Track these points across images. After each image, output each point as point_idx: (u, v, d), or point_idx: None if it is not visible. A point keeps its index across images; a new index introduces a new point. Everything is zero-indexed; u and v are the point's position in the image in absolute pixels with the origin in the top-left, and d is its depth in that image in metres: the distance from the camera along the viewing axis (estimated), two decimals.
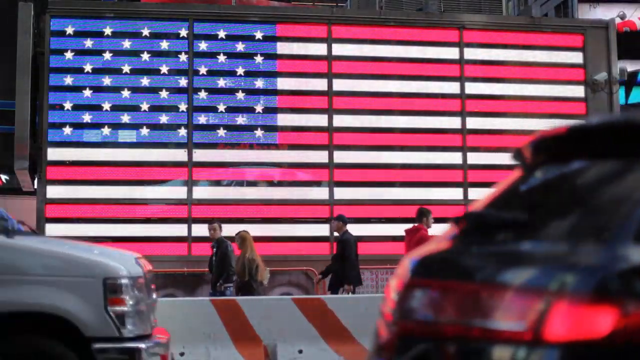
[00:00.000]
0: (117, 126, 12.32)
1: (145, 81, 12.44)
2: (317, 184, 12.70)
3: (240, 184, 12.62)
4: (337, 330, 8.10)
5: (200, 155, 12.45)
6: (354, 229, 11.10)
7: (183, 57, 12.60)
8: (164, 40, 12.62)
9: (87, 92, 12.30)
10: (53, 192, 12.04)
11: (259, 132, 12.61)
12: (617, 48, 13.68)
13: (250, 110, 12.64)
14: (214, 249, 10.38)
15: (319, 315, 8.15)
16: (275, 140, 12.70)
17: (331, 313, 8.16)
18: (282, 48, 12.91)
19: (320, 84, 12.84)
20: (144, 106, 12.38)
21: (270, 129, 12.67)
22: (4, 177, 22.11)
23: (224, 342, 7.89)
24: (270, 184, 12.76)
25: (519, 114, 13.26)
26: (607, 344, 1.89)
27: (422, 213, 9.59)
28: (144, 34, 12.56)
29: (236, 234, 10.24)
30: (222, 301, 8.33)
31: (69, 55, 12.32)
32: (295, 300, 8.33)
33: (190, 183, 12.34)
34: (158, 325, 8.34)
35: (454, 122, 13.11)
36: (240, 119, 12.60)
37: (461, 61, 13.25)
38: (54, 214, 12.00)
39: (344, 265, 10.20)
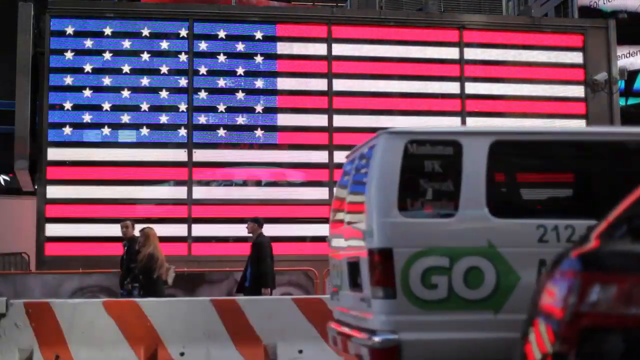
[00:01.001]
0: (117, 126, 12.32)
1: (145, 81, 12.45)
2: (317, 183, 12.69)
3: (240, 184, 12.62)
4: None
5: (200, 155, 12.46)
6: None
7: (183, 57, 12.61)
8: (164, 40, 12.63)
9: (87, 92, 12.31)
10: (53, 192, 12.05)
11: (259, 132, 12.62)
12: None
13: (250, 110, 12.65)
14: (125, 248, 10.01)
15: (319, 315, 8.14)
16: (275, 140, 12.70)
17: (331, 313, 8.16)
18: (282, 48, 12.91)
19: (320, 84, 12.85)
20: (144, 106, 12.39)
21: (270, 129, 12.67)
22: (4, 178, 22.10)
23: (224, 342, 7.89)
24: (270, 184, 12.76)
25: (519, 114, 13.27)
26: None
27: None
28: (144, 34, 12.56)
29: (140, 231, 9.78)
30: (223, 301, 8.32)
31: (69, 55, 12.32)
32: (295, 300, 8.32)
33: (190, 183, 12.34)
34: (157, 325, 8.34)
35: (454, 122, 13.11)
36: (240, 119, 12.61)
37: (461, 61, 13.26)
38: (54, 214, 12.00)
39: (259, 269, 9.82)
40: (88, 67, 12.35)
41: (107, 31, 12.46)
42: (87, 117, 12.27)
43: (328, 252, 5.94)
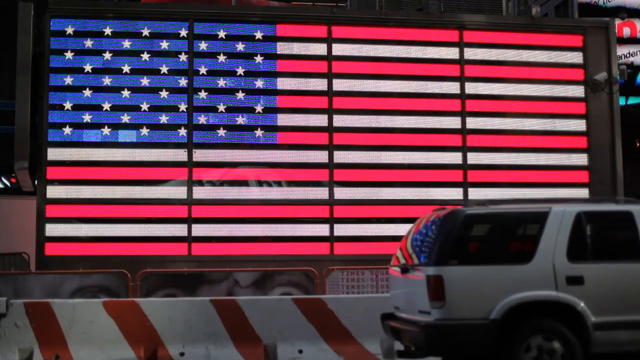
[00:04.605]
0: (117, 126, 12.33)
1: (145, 81, 12.45)
2: (317, 183, 12.69)
3: (240, 184, 12.62)
4: (337, 330, 8.11)
5: (200, 155, 12.46)
6: (354, 229, 11.07)
7: (183, 57, 12.61)
8: (164, 40, 12.63)
9: (87, 92, 12.31)
10: (53, 192, 12.05)
11: (259, 132, 12.62)
12: None
13: (250, 110, 12.65)
14: None
15: (318, 315, 8.15)
16: (275, 140, 12.70)
17: (331, 313, 8.17)
18: (282, 48, 12.91)
19: (320, 84, 12.85)
20: (144, 106, 12.39)
21: (270, 129, 12.68)
22: (5, 182, 22.06)
23: (224, 342, 7.90)
24: (270, 184, 12.75)
25: (519, 114, 13.28)
26: None
27: None
28: (144, 34, 12.56)
29: None
30: (223, 301, 8.33)
31: (69, 55, 12.33)
32: (295, 300, 8.34)
33: (190, 183, 12.34)
34: (157, 325, 8.31)
35: (454, 122, 13.11)
36: (240, 119, 12.61)
37: (461, 61, 13.26)
38: (54, 214, 12.00)
39: None
40: (88, 67, 12.35)
41: (107, 31, 12.46)
42: (87, 117, 12.27)
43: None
